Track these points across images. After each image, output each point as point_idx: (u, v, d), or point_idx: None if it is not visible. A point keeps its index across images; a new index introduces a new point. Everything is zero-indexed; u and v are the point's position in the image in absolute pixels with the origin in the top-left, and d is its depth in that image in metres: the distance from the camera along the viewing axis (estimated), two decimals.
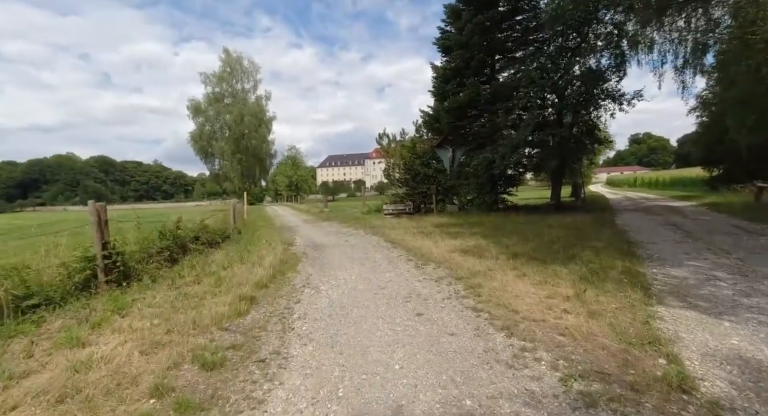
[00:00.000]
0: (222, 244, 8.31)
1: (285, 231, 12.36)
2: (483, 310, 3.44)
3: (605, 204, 18.05)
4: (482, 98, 13.93)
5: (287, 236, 10.92)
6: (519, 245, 6.92)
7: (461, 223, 11.73)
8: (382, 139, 16.79)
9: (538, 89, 12.76)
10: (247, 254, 6.83)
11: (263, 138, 42.99)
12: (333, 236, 10.42)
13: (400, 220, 13.72)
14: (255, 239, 9.35)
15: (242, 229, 11.97)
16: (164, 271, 5.19)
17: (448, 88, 14.75)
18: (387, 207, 16.39)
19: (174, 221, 6.38)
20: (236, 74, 41.08)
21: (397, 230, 10.81)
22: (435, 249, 6.99)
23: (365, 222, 13.74)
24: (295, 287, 4.80)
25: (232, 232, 9.20)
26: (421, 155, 16.68)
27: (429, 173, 16.35)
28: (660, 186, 40.30)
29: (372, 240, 9.18)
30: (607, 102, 13.30)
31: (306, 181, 54.49)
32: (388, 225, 12.18)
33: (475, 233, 9.06)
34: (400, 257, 6.63)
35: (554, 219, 11.23)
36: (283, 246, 8.26)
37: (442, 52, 15.50)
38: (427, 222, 12.40)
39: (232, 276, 5.05)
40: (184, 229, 6.77)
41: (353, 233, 10.95)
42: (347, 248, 8.17)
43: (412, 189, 16.62)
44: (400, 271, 5.45)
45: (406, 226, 11.60)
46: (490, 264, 5.34)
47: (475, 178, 15.32)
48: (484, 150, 14.52)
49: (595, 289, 3.77)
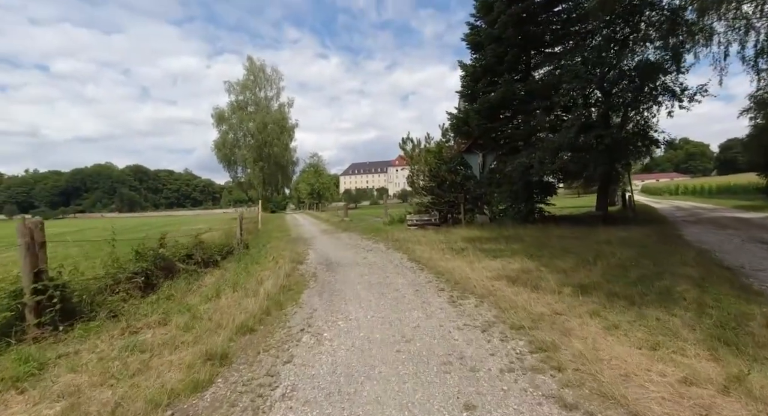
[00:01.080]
0: (223, 261, 7.30)
1: (299, 244, 11.32)
2: (579, 408, 2.08)
3: (657, 215, 15.95)
4: (517, 97, 12.49)
5: (300, 249, 9.84)
6: (580, 270, 5.44)
7: (495, 237, 10.28)
8: (405, 144, 15.59)
9: (583, 85, 11.18)
10: (246, 276, 5.73)
11: (285, 146, 42.82)
12: (350, 252, 9.24)
13: (426, 232, 12.38)
14: (262, 255, 8.31)
15: (253, 242, 11.03)
16: (135, 302, 4.14)
17: (478, 88, 13.40)
18: (411, 218, 15.11)
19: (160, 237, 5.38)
20: (259, 82, 41.30)
21: (422, 245, 9.49)
22: (472, 273, 5.64)
23: (387, 234, 12.50)
24: (290, 331, 3.59)
25: (237, 247, 8.21)
26: (448, 161, 15.33)
27: (457, 180, 14.96)
28: (706, 194, 37.14)
29: (394, 258, 7.91)
30: (665, 98, 11.53)
31: (328, 188, 54.07)
32: (413, 238, 10.88)
33: (516, 250, 7.61)
34: (429, 285, 5.32)
35: (607, 233, 9.57)
36: (292, 265, 7.14)
37: (471, 50, 14.20)
38: (456, 235, 11.01)
39: (213, 312, 3.93)
40: (174, 246, 5.77)
41: (373, 248, 9.73)
42: (365, 268, 6.94)
43: (438, 198, 15.27)
44: (431, 308, 4.14)
45: (432, 240, 10.27)
46: (553, 302, 3.94)
47: (508, 185, 13.81)
48: (518, 155, 13.02)
49: (762, 366, 2.31)
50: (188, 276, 5.60)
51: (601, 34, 11.84)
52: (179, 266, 5.60)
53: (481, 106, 12.87)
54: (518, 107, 13.23)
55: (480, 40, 13.60)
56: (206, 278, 5.57)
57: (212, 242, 7.96)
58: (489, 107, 12.79)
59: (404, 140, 15.57)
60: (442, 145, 15.71)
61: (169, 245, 6.00)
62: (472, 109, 13.35)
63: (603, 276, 4.89)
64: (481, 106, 12.87)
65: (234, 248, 8.14)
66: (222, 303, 4.26)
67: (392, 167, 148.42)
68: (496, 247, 8.35)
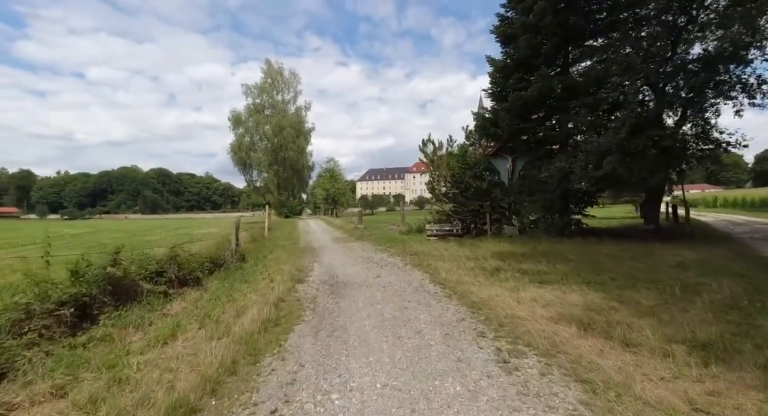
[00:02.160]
0: (210, 277, 6.12)
1: (306, 255, 10.11)
2: None
3: (714, 230, 13.95)
4: (554, 94, 10.99)
5: (305, 263, 8.61)
6: (672, 311, 3.93)
7: (531, 253, 8.78)
8: (425, 146, 14.24)
9: (637, 79, 9.60)
10: (225, 302, 4.51)
11: (301, 149, 42.07)
12: (361, 267, 7.93)
13: (447, 244, 10.96)
14: (258, 269, 7.11)
15: (254, 251, 9.89)
16: (52, 346, 2.95)
17: (509, 84, 11.97)
18: (430, 227, 13.72)
19: (115, 252, 4.21)
20: (277, 85, 40.72)
21: (446, 260, 8.10)
22: (519, 309, 4.22)
23: (404, 246, 11.15)
24: (255, 414, 2.29)
25: (230, 259, 7.03)
26: (473, 166, 13.90)
27: (482, 186, 13.51)
28: (747, 207, 34.01)
29: (413, 278, 6.55)
30: (736, 93, 9.79)
31: (344, 194, 53.14)
32: (434, 252, 9.49)
33: (565, 273, 6.12)
34: (463, 324, 3.94)
35: (671, 253, 7.92)
36: (289, 284, 5.89)
37: (501, 43, 12.81)
38: (483, 250, 9.55)
39: (150, 370, 2.68)
40: (141, 261, 4.62)
41: (388, 263, 8.39)
42: (377, 291, 5.61)
43: (461, 206, 13.83)
44: (473, 374, 2.76)
45: (457, 255, 8.85)
46: (669, 375, 2.50)
47: (541, 194, 12.25)
48: (554, 159, 11.48)
49: None
50: (155, 300, 4.41)
51: (658, 20, 10.24)
52: (144, 286, 4.43)
53: (513, 104, 11.42)
54: (555, 105, 11.72)
55: (511, 32, 12.22)
56: (174, 304, 4.37)
57: (201, 253, 6.81)
58: (522, 105, 11.32)
59: (424, 143, 14.22)
60: (466, 148, 14.28)
61: (140, 259, 4.85)
62: (502, 108, 11.93)
63: (721, 326, 3.37)
64: (513, 104, 11.42)
65: (226, 260, 6.97)
66: (172, 351, 3.02)
67: (409, 173, 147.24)
68: (537, 267, 6.87)
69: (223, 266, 6.71)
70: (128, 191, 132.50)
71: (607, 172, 9.70)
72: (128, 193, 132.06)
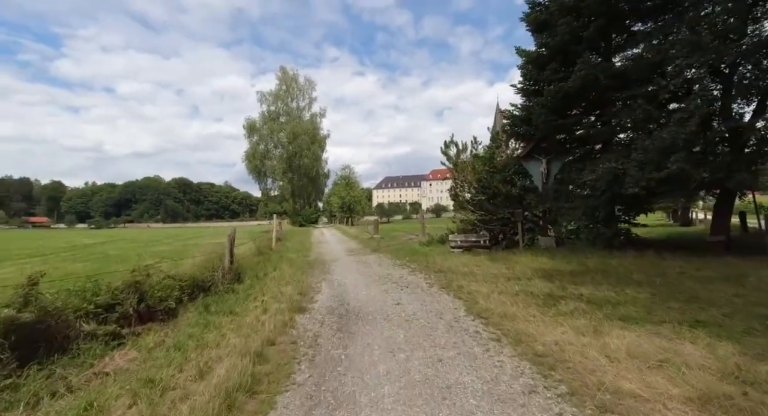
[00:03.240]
0: (191, 305, 4.92)
1: (314, 271, 8.86)
2: None
3: None
4: (600, 84, 9.47)
5: (312, 282, 7.36)
6: None
7: (581, 271, 7.25)
8: (448, 148, 12.89)
9: (707, 61, 7.99)
10: (191, 350, 3.26)
11: (316, 157, 41.32)
12: (378, 288, 6.59)
13: (476, 258, 9.50)
14: (254, 292, 5.87)
15: (255, 267, 8.71)
16: None
17: (543, 77, 10.52)
18: (454, 238, 12.29)
19: None
20: (292, 92, 40.27)
21: (480, 281, 6.67)
22: (618, 373, 2.79)
23: (427, 260, 9.76)
24: None
25: (221, 280, 5.83)
26: (502, 169, 12.44)
27: (513, 192, 12.02)
28: None
29: (444, 307, 5.16)
30: None
31: (359, 202, 52.07)
32: (462, 268, 8.06)
33: (646, 305, 4.60)
34: (536, 401, 2.54)
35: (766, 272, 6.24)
36: (286, 317, 4.62)
37: (533, 31, 11.38)
38: (521, 265, 8.06)
39: None
40: (83, 291, 3.44)
41: (410, 283, 7.02)
42: (399, 329, 4.26)
43: (488, 214, 12.35)
44: None
45: (492, 273, 7.40)
46: None
47: (582, 200, 10.68)
48: (598, 159, 9.92)
49: None
50: (95, 346, 3.21)
51: None
52: (83, 328, 3.24)
53: (549, 98, 9.95)
54: (600, 98, 10.18)
55: (546, 18, 10.80)
56: (118, 355, 3.14)
57: (186, 273, 5.64)
58: (560, 99, 9.84)
59: (447, 144, 12.87)
60: (493, 150, 12.84)
61: (88, 287, 3.68)
62: (536, 103, 10.46)
63: None
64: (549, 98, 9.95)
65: (215, 282, 5.76)
66: None
67: (426, 181, 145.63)
68: (602, 293, 5.36)
69: (210, 290, 5.51)
70: (151, 200, 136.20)
71: (672, 172, 8.06)
72: (151, 202, 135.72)
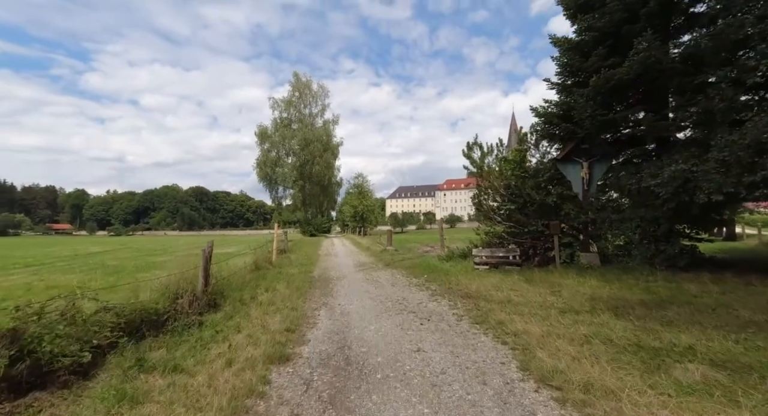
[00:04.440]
0: (127, 352, 3.51)
1: (314, 292, 7.42)
2: None
3: None
4: (663, 69, 7.84)
5: (308, 309, 5.90)
6: None
7: (654, 300, 5.58)
8: (471, 150, 11.38)
9: None
10: None
11: (328, 164, 40.28)
12: (390, 322, 5.07)
13: (509, 279, 7.86)
14: (228, 329, 4.44)
15: (244, 286, 7.31)
16: None
17: (589, 64, 8.97)
18: (478, 252, 10.69)
19: None
20: (305, 98, 39.50)
21: (524, 314, 5.06)
22: None
23: (449, 280, 8.20)
24: None
25: (187, 310, 4.42)
26: (535, 174, 10.83)
27: (548, 201, 10.35)
28: None
29: (484, 361, 3.59)
30: None
31: (372, 211, 50.68)
32: (495, 293, 6.46)
33: None
34: None
35: None
36: (259, 371, 3.16)
37: (572, 15, 9.88)
38: (569, 289, 6.40)
39: None
40: None
41: (432, 314, 5.46)
42: (422, 399, 2.72)
43: (518, 226, 10.71)
44: None
45: (536, 301, 5.77)
46: None
47: (635, 210, 8.98)
48: (654, 161, 8.26)
49: None
50: None
51: None
52: None
53: (598, 88, 8.37)
54: (664, 86, 8.51)
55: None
56: None
57: (142, 302, 4.27)
58: (611, 89, 8.25)
59: (470, 146, 11.37)
60: (524, 152, 11.25)
61: None
62: (581, 95, 8.88)
63: None
64: (598, 88, 8.37)
65: (180, 312, 4.35)
66: None
67: (439, 190, 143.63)
68: (714, 343, 3.71)
69: (166, 325, 4.10)
70: (168, 208, 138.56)
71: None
72: (168, 210, 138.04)
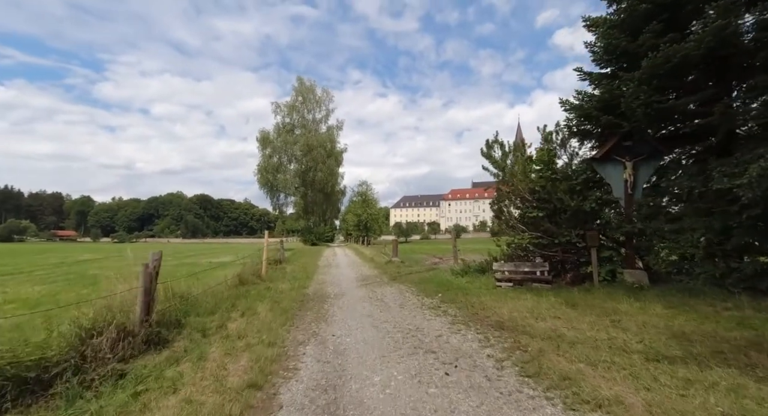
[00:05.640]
0: None
1: (305, 316, 5.90)
2: None
3: None
4: (741, 43, 6.37)
5: (291, 342, 4.38)
6: None
7: (761, 339, 3.98)
8: (491, 149, 9.93)
9: None
10: None
11: (331, 171, 39.02)
12: (400, 369, 3.52)
13: (546, 302, 6.27)
14: (166, 380, 2.94)
15: (215, 308, 5.81)
16: None
17: (640, 43, 7.50)
18: (499, 267, 9.15)
19: None
20: (308, 103, 38.50)
21: (592, 362, 3.47)
22: None
23: (467, 299, 6.65)
24: None
25: (108, 355, 2.92)
26: (567, 176, 9.32)
27: (584, 207, 8.79)
28: None
29: None
30: None
31: (376, 220, 49.16)
32: (534, 323, 4.89)
33: None
34: None
35: None
36: None
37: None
38: (631, 319, 4.82)
39: None
40: None
41: (458, 355, 3.89)
42: None
43: (547, 236, 9.14)
44: None
45: (599, 338, 4.19)
46: None
47: (697, 218, 7.43)
48: (731, 158, 6.71)
49: None
50: None
51: None
52: None
53: (655, 68, 6.89)
54: (739, 65, 7.00)
55: None
56: None
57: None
58: (671, 69, 6.76)
59: (489, 144, 10.00)
60: (553, 151, 9.76)
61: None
62: (632, 79, 7.38)
63: None
64: (655, 68, 6.89)
65: (99, 355, 2.86)
66: None
67: (444, 200, 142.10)
68: None
69: (58, 381, 2.61)
70: (173, 215, 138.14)
71: None
72: (173, 218, 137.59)
